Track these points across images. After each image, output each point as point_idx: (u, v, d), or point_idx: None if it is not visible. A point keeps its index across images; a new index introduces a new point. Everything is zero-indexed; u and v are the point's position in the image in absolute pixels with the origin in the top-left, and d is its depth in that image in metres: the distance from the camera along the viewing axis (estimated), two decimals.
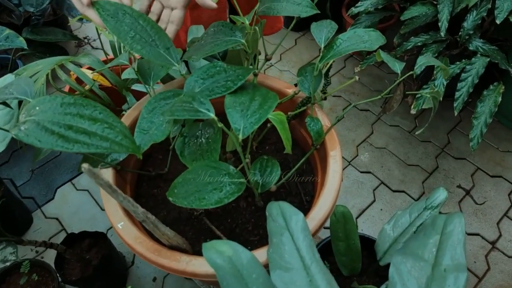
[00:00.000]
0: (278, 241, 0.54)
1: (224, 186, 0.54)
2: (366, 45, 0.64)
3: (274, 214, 0.57)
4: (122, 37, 0.53)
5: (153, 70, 0.68)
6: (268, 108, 0.51)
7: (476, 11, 1.17)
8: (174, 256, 0.57)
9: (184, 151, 0.60)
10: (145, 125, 0.57)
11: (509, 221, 1.27)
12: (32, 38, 1.46)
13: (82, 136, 0.43)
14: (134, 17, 0.55)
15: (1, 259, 0.72)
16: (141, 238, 0.59)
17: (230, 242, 0.46)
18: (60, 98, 0.46)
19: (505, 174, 1.38)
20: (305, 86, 0.68)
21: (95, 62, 0.82)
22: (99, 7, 0.53)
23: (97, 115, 0.46)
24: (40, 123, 0.43)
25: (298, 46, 1.88)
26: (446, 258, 0.55)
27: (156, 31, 0.56)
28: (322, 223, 0.61)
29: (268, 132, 0.81)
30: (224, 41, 0.61)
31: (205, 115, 0.47)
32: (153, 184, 0.76)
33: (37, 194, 1.34)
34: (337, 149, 0.70)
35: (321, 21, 0.69)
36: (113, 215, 0.61)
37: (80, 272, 0.99)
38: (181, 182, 0.54)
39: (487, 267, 1.17)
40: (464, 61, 1.17)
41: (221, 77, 0.57)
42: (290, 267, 0.52)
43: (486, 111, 1.10)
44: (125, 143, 0.45)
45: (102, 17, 0.53)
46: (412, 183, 1.36)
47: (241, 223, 0.71)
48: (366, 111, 1.59)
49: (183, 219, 0.72)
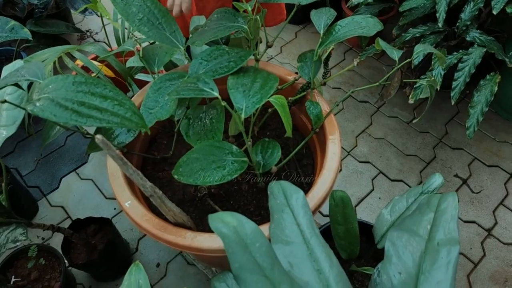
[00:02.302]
0: (279, 217, 0.56)
1: (227, 164, 0.56)
2: (364, 31, 0.66)
3: (276, 192, 0.59)
4: (130, 19, 0.55)
5: (157, 56, 0.71)
6: (269, 88, 0.54)
7: (474, 2, 1.19)
8: (179, 232, 0.60)
9: (189, 132, 0.63)
10: (151, 103, 0.60)
11: (504, 209, 1.30)
12: (35, 30, 1.48)
13: (94, 111, 0.45)
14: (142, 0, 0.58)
15: (12, 239, 0.75)
16: (147, 215, 0.62)
17: (234, 214, 0.48)
18: (72, 77, 0.48)
19: (501, 164, 1.40)
20: (305, 72, 0.70)
21: (100, 50, 0.84)
22: None
23: (107, 93, 0.48)
24: (55, 100, 0.45)
25: (298, 39, 1.90)
26: (439, 233, 0.57)
27: (163, 14, 0.59)
28: (321, 202, 0.63)
29: (269, 118, 0.83)
30: (227, 26, 0.64)
31: (209, 94, 0.50)
32: (158, 168, 0.79)
33: (42, 183, 1.36)
34: (336, 133, 0.72)
35: (321, 9, 0.71)
36: (121, 195, 0.64)
37: (86, 257, 1.01)
38: (186, 161, 0.57)
39: (482, 253, 1.20)
40: (461, 52, 1.19)
41: (224, 59, 0.59)
42: (290, 241, 0.55)
43: (482, 100, 1.12)
44: (134, 119, 0.48)
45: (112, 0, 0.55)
46: (410, 173, 1.39)
47: (243, 205, 0.73)
48: (365, 103, 1.61)
49: (187, 201, 0.74)
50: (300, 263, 0.52)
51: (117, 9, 0.57)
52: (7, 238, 0.76)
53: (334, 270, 0.52)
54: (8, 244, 0.75)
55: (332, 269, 0.52)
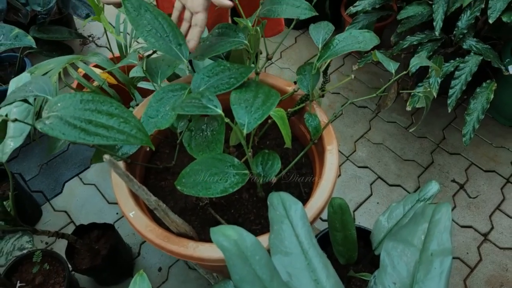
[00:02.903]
0: (278, 228, 0.58)
1: (229, 177, 0.58)
2: (361, 46, 0.68)
3: (275, 203, 0.61)
4: (140, 29, 0.58)
5: (160, 69, 0.73)
6: (271, 105, 0.56)
7: (470, 10, 1.21)
8: (182, 242, 0.62)
9: (191, 143, 0.65)
10: (152, 112, 0.62)
11: (501, 214, 1.32)
12: (39, 36, 1.50)
13: (101, 129, 0.47)
14: (154, 14, 0.60)
15: (18, 247, 0.77)
16: (151, 226, 0.64)
17: (235, 227, 0.50)
18: (80, 95, 0.50)
19: (498, 169, 1.42)
20: (304, 84, 0.72)
21: (104, 61, 0.86)
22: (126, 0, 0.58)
23: (113, 111, 0.50)
24: (63, 118, 0.47)
25: (298, 44, 1.92)
26: (433, 244, 0.59)
27: (172, 28, 0.61)
28: (319, 211, 0.65)
29: (268, 128, 0.85)
30: (229, 42, 0.66)
31: (213, 111, 0.52)
32: (160, 177, 0.81)
33: (45, 188, 1.39)
34: (333, 143, 0.74)
35: (319, 23, 0.73)
36: (125, 205, 0.66)
37: (90, 262, 1.03)
38: (189, 173, 0.59)
39: (479, 258, 1.22)
40: (458, 60, 1.21)
41: (225, 75, 0.61)
42: (289, 251, 0.57)
43: (478, 107, 1.14)
44: (139, 136, 0.50)
45: (126, 9, 0.58)
46: (408, 178, 1.41)
47: (244, 214, 0.75)
48: (364, 108, 1.63)
49: (189, 209, 0.76)
50: (299, 274, 0.54)
51: (128, 18, 0.60)
52: (13, 245, 0.78)
53: (331, 280, 0.54)
54: (15, 251, 0.77)
55: (329, 279, 0.54)
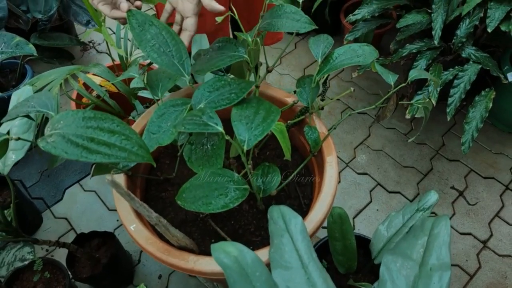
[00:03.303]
0: (278, 242, 0.59)
1: (229, 192, 0.59)
2: (360, 60, 0.69)
3: (275, 217, 0.62)
4: (143, 44, 0.58)
5: (161, 82, 0.73)
6: (271, 121, 0.56)
7: (469, 19, 1.22)
8: (183, 256, 0.62)
9: (191, 157, 0.65)
10: (154, 128, 0.62)
11: (500, 221, 1.32)
12: (39, 43, 1.51)
13: (103, 147, 0.48)
14: (159, 28, 0.61)
15: (20, 258, 0.77)
16: (152, 239, 0.64)
17: (235, 244, 0.51)
18: (82, 113, 0.51)
19: (497, 176, 1.43)
20: (303, 97, 0.73)
21: (105, 72, 0.86)
22: (131, 15, 0.59)
23: (115, 128, 0.51)
24: (66, 136, 0.48)
25: (297, 50, 1.93)
26: (432, 258, 0.59)
27: (176, 42, 0.62)
28: (319, 225, 0.66)
29: (268, 139, 0.86)
30: (229, 56, 0.66)
31: (213, 128, 0.52)
32: (161, 188, 0.81)
33: (46, 195, 1.39)
34: (333, 155, 0.75)
35: (318, 36, 0.74)
36: (126, 218, 0.66)
37: (90, 270, 1.04)
38: (189, 188, 0.59)
39: (478, 265, 1.22)
40: (457, 68, 1.21)
41: (226, 90, 0.62)
42: (289, 266, 0.57)
43: (477, 116, 1.14)
44: (141, 153, 0.50)
45: (130, 25, 0.58)
46: (407, 184, 1.41)
47: (244, 225, 0.75)
48: (364, 114, 1.64)
49: (190, 221, 0.77)
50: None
51: (132, 33, 0.60)
52: (14, 256, 0.79)
53: None
54: (16, 262, 0.77)
55: None
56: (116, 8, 0.63)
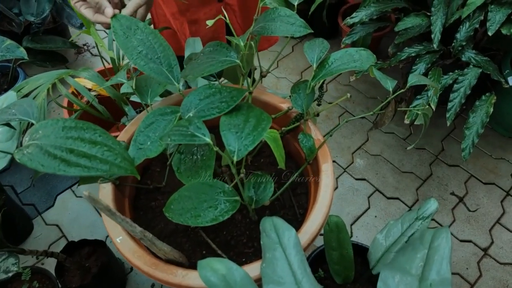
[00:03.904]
0: (271, 256, 0.56)
1: (219, 204, 0.56)
2: (356, 65, 0.66)
3: (268, 229, 0.59)
4: (129, 52, 0.56)
5: (150, 87, 0.70)
6: (262, 130, 0.54)
7: (469, 22, 1.19)
8: (171, 269, 0.59)
9: (180, 168, 0.62)
10: (141, 139, 0.59)
11: (501, 228, 1.29)
12: (32, 46, 1.48)
13: (83, 159, 0.45)
14: (145, 33, 0.58)
15: (4, 270, 0.74)
16: (139, 252, 0.61)
17: (224, 260, 0.48)
18: (62, 122, 0.48)
19: (498, 181, 1.40)
20: (298, 103, 0.70)
21: (95, 76, 0.84)
22: (115, 20, 0.56)
23: (97, 138, 0.48)
24: (43, 148, 0.45)
25: (295, 53, 1.90)
26: (432, 273, 0.57)
27: (163, 48, 0.59)
28: (314, 237, 0.63)
29: (262, 146, 0.83)
30: (220, 61, 0.64)
31: (201, 140, 0.49)
32: (151, 197, 0.78)
33: (37, 201, 1.36)
34: (328, 163, 0.72)
35: (314, 40, 0.71)
36: (112, 230, 0.63)
37: (80, 280, 1.01)
38: (177, 199, 0.57)
39: (479, 273, 1.20)
40: (456, 72, 1.19)
41: (216, 98, 0.59)
42: (282, 281, 0.55)
43: (478, 121, 1.12)
44: (123, 165, 0.48)
45: (114, 30, 0.56)
46: (406, 190, 1.39)
47: (236, 236, 0.73)
48: (362, 118, 1.61)
49: (180, 231, 0.74)
50: None
51: (117, 41, 0.57)
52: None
53: None
54: (0, 274, 0.74)
55: None
56: (100, 12, 0.60)
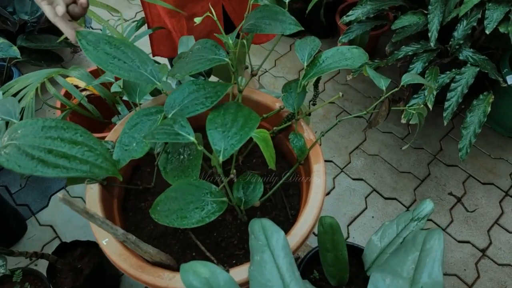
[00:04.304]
0: (259, 258, 0.55)
1: (206, 205, 0.55)
2: (348, 63, 0.65)
3: (256, 231, 0.58)
4: (103, 64, 0.54)
5: (138, 87, 0.69)
6: (249, 129, 0.52)
7: (467, 20, 1.18)
8: (157, 272, 0.58)
9: (167, 167, 0.61)
10: (126, 140, 0.58)
11: (499, 228, 1.28)
12: (26, 45, 1.47)
13: (61, 160, 0.44)
14: (114, 45, 0.56)
15: None
16: (125, 254, 0.60)
17: (207, 264, 0.47)
18: (42, 121, 0.47)
19: (496, 182, 1.39)
20: (289, 102, 0.69)
21: (84, 75, 0.83)
22: (81, 37, 0.54)
23: (78, 138, 0.47)
24: (21, 148, 0.44)
25: (292, 52, 1.89)
26: (424, 276, 0.55)
27: (137, 54, 0.58)
28: (304, 239, 0.62)
29: (254, 146, 0.82)
30: (208, 59, 0.62)
31: (185, 138, 0.48)
32: (140, 198, 0.77)
33: (31, 201, 1.35)
34: (320, 163, 0.70)
35: (305, 38, 0.70)
36: (98, 231, 0.62)
37: (72, 281, 1.00)
38: (164, 200, 0.55)
39: (477, 274, 1.18)
40: (454, 71, 1.17)
41: (200, 94, 0.58)
42: (270, 284, 0.53)
43: (475, 121, 1.10)
44: (105, 166, 0.46)
45: (83, 46, 0.54)
46: (404, 191, 1.37)
47: (227, 237, 0.71)
48: (359, 118, 1.60)
49: (170, 233, 0.73)
50: None
51: (87, 55, 0.56)
52: None
53: None
54: None
55: None
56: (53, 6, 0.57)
